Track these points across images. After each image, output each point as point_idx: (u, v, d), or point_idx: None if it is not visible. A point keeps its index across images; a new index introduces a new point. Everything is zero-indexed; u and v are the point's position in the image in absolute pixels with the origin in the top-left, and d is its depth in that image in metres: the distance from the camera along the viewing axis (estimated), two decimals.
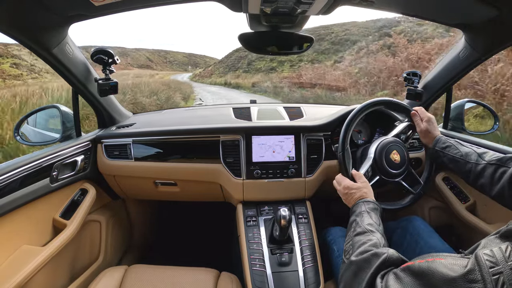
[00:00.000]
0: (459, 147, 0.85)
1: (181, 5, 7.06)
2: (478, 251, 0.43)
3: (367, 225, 0.68)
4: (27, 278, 0.76)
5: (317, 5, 0.77)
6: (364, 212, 0.74)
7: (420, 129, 0.95)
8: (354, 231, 0.68)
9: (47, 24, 0.83)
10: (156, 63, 73.65)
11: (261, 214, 1.07)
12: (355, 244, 0.64)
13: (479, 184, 0.77)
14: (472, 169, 0.79)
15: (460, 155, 0.82)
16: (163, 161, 1.16)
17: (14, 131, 1.09)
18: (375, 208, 0.76)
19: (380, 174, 0.95)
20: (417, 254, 0.89)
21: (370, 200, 0.79)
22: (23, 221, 0.86)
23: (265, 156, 1.11)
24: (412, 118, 0.99)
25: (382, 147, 0.95)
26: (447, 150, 0.86)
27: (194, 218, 1.83)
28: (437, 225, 1.24)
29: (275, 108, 1.36)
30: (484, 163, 0.76)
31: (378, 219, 0.72)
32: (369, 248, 0.60)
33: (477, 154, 0.80)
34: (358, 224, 0.70)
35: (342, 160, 0.94)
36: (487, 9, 0.81)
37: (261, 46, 1.02)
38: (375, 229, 0.67)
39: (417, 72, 1.19)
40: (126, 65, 58.16)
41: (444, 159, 0.87)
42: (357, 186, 0.84)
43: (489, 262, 0.40)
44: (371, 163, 0.95)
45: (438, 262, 0.45)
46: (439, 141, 0.89)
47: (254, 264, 0.93)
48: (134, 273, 0.90)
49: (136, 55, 70.28)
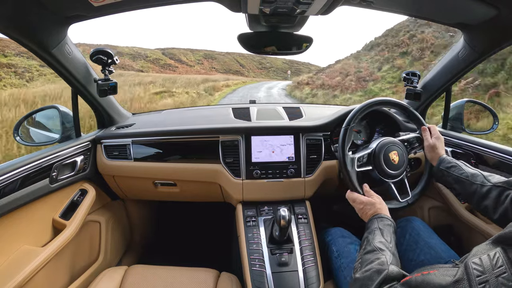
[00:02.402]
0: (465, 168, 0.84)
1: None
2: (468, 259, 0.44)
3: (378, 243, 0.68)
4: (27, 278, 0.76)
5: (316, 5, 0.77)
6: (376, 229, 0.73)
7: (428, 144, 0.96)
8: (365, 249, 0.69)
9: (46, 25, 0.83)
10: (249, 69, 62.90)
11: (260, 214, 1.07)
12: (363, 262, 0.64)
13: (483, 206, 0.76)
14: (477, 190, 0.77)
15: (466, 176, 0.82)
16: (162, 161, 1.16)
17: (13, 132, 1.09)
18: (388, 225, 0.75)
19: (374, 167, 0.95)
20: (417, 255, 0.90)
21: (384, 216, 0.78)
22: (23, 221, 0.86)
23: (264, 156, 1.11)
24: (422, 132, 1.00)
25: (385, 143, 0.96)
26: (452, 170, 0.86)
27: (194, 218, 1.83)
28: (437, 225, 1.24)
29: (274, 108, 1.36)
30: (490, 185, 0.75)
31: (390, 236, 0.72)
32: (375, 266, 0.61)
33: (483, 176, 0.79)
34: (369, 242, 0.69)
35: (348, 180, 0.92)
36: (486, 8, 0.81)
37: (261, 46, 1.02)
38: (385, 247, 0.66)
39: (416, 72, 1.19)
40: (209, 69, 52.46)
41: (449, 178, 0.86)
42: (370, 201, 0.84)
43: (476, 271, 0.41)
44: (369, 152, 0.96)
45: (432, 275, 0.47)
46: (444, 160, 0.89)
47: (254, 264, 0.93)
48: (134, 273, 0.90)
49: (224, 59, 61.09)
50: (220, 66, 57.26)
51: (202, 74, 34.39)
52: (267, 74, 62.08)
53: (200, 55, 56.63)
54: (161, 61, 42.76)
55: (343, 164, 0.93)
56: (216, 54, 61.65)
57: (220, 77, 28.43)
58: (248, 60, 66.21)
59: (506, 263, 0.40)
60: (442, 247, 0.89)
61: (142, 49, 43.48)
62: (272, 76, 59.28)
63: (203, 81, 18.23)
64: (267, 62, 69.45)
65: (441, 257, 0.85)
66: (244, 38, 0.99)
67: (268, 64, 69.25)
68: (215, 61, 58.86)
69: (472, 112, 4.47)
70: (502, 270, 0.39)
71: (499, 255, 0.41)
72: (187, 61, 50.26)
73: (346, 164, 0.93)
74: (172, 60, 45.90)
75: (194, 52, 56.35)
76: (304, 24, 0.97)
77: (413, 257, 0.91)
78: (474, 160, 1.06)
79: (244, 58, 65.85)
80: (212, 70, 52.39)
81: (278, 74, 61.50)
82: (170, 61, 45.08)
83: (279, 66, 69.46)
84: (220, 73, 46.06)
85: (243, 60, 64.68)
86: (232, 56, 64.02)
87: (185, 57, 51.28)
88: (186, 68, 45.57)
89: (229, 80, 24.35)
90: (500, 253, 0.41)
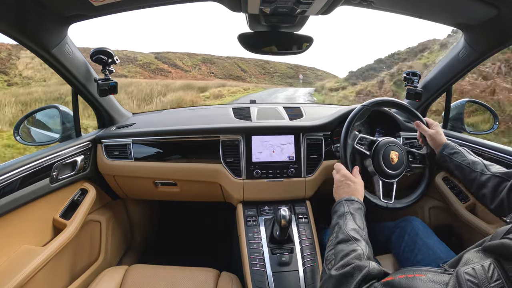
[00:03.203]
0: (467, 155, 0.85)
1: None
2: (460, 268, 0.41)
3: (351, 231, 0.64)
4: (27, 278, 0.76)
5: (317, 5, 0.77)
6: (347, 213, 0.69)
7: (429, 134, 0.96)
8: (337, 237, 0.64)
9: (46, 24, 0.83)
10: (251, 74, 54.89)
11: (261, 214, 1.07)
12: (337, 254, 0.60)
13: (481, 194, 0.77)
14: (476, 178, 0.79)
15: (467, 163, 0.82)
16: (163, 161, 1.16)
17: (14, 131, 1.08)
18: (359, 208, 0.72)
19: (371, 158, 0.94)
20: (414, 255, 0.90)
21: (355, 199, 0.75)
22: (23, 221, 0.86)
23: (265, 156, 1.11)
24: (416, 126, 1.00)
25: (388, 141, 0.96)
26: (455, 156, 0.86)
27: (194, 218, 1.83)
28: (437, 225, 1.24)
29: (274, 108, 1.36)
30: (490, 174, 0.76)
31: (362, 221, 0.69)
32: (352, 260, 0.57)
33: (484, 164, 0.80)
34: (341, 230, 0.65)
35: (343, 153, 0.93)
36: (487, 8, 0.81)
37: (261, 46, 1.02)
38: (359, 236, 0.63)
39: (416, 72, 1.19)
40: (207, 74, 47.18)
41: (450, 164, 0.87)
42: (353, 179, 0.82)
43: (470, 283, 0.38)
44: (374, 140, 0.97)
45: (418, 279, 0.43)
46: (447, 146, 0.90)
47: (254, 264, 0.93)
48: (134, 273, 0.90)
49: (224, 63, 53.73)
50: (219, 71, 51.00)
51: (198, 80, 32.23)
52: (270, 80, 54.60)
53: (198, 60, 51.87)
54: (152, 65, 39.39)
55: (344, 136, 0.94)
56: (215, 59, 54.21)
57: (215, 83, 25.98)
58: (250, 65, 58.41)
59: (503, 277, 0.37)
60: (441, 248, 0.89)
61: (133, 52, 39.93)
62: (277, 81, 52.86)
63: (182, 87, 15.85)
64: (270, 66, 60.89)
65: (440, 258, 0.86)
66: (244, 38, 0.99)
67: (271, 69, 60.55)
68: (214, 65, 52.36)
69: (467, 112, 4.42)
70: (499, 284, 0.36)
71: (494, 267, 0.38)
72: (183, 65, 46.59)
73: (346, 137, 0.93)
74: (165, 64, 42.65)
75: (192, 56, 51.87)
76: (305, 24, 0.97)
77: (410, 256, 0.92)
78: None
79: (245, 62, 57.94)
80: (210, 75, 48.10)
81: (283, 80, 54.97)
82: (163, 65, 41.57)
83: (283, 71, 61.46)
84: (218, 79, 41.81)
85: (244, 65, 56.77)
86: (233, 61, 56.18)
87: (181, 61, 47.53)
88: (180, 73, 42.66)
89: (224, 86, 22.19)
90: (495, 265, 0.39)
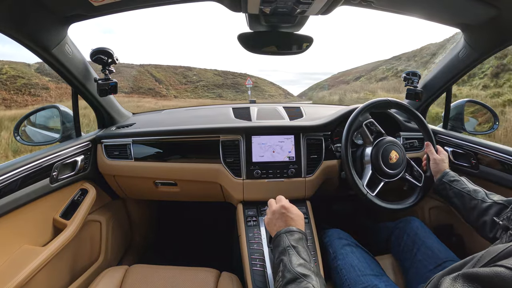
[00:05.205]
0: (467, 184, 0.84)
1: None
2: None
3: (297, 267, 0.57)
4: (27, 278, 0.76)
5: (317, 5, 0.77)
6: (289, 248, 0.63)
7: (433, 158, 0.97)
8: (284, 277, 0.57)
9: (46, 24, 0.83)
10: (169, 85, 39.40)
11: (261, 214, 1.07)
12: None
13: (482, 221, 0.75)
14: (477, 205, 0.77)
15: (468, 191, 0.82)
16: (163, 161, 1.16)
17: (14, 131, 1.09)
18: (300, 239, 0.66)
19: (371, 155, 1.00)
20: (414, 255, 0.90)
21: (294, 229, 0.68)
22: (23, 221, 0.86)
23: (265, 156, 1.11)
24: (426, 147, 1.02)
25: (387, 141, 0.98)
26: (455, 184, 0.86)
27: (194, 218, 1.83)
28: (437, 225, 1.25)
29: (274, 108, 1.36)
30: (491, 202, 0.75)
31: (306, 253, 0.63)
32: None
33: (485, 193, 0.79)
34: (287, 268, 0.58)
35: (344, 153, 0.97)
36: (487, 8, 0.81)
37: (261, 46, 1.02)
38: (307, 271, 0.57)
39: (416, 72, 1.19)
40: None
41: (450, 192, 0.86)
42: (295, 212, 0.74)
43: None
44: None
45: None
46: (447, 174, 0.90)
47: (255, 264, 0.92)
48: (135, 273, 0.90)
49: (132, 72, 37.26)
50: (124, 83, 34.68)
51: None
52: (194, 91, 40.13)
53: None
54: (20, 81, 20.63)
55: (345, 135, 0.98)
56: (123, 67, 36.71)
57: None
58: (168, 73, 41.95)
59: None
60: (440, 248, 0.89)
61: None
62: (202, 93, 39.32)
63: None
64: (193, 74, 43.73)
65: (438, 257, 0.86)
66: (244, 38, 0.98)
67: (195, 77, 43.28)
68: (119, 75, 31.17)
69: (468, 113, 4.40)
70: None
71: None
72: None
73: (348, 137, 0.98)
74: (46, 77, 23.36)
75: None
76: (304, 24, 0.97)
77: (410, 256, 0.92)
78: (475, 160, 1.06)
79: (162, 70, 41.89)
80: None
81: (210, 90, 40.96)
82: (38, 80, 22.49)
83: (210, 79, 43.77)
84: (123, 94, 29.93)
85: (160, 73, 40.68)
86: (145, 69, 39.96)
87: None
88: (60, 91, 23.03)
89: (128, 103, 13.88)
90: None
